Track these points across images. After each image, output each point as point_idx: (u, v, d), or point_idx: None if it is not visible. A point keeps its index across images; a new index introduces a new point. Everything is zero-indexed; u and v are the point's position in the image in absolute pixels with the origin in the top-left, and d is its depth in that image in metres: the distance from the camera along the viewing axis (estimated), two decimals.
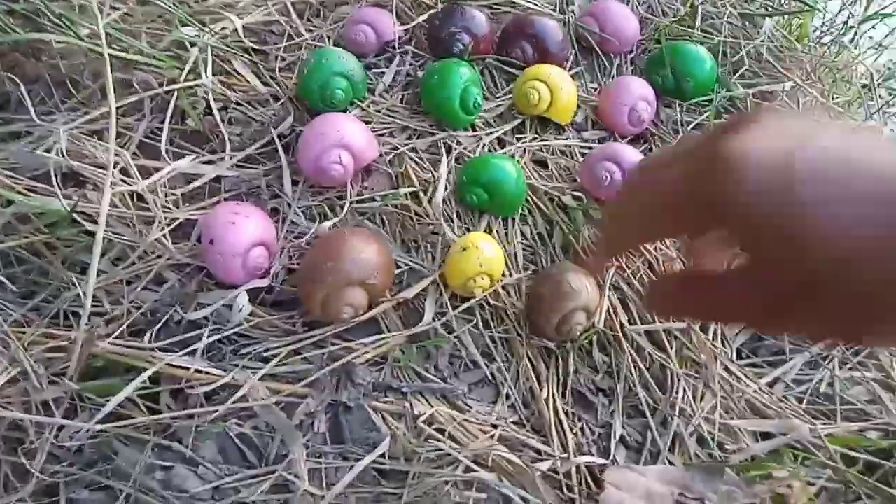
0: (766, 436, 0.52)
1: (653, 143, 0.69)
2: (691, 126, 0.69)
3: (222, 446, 0.48)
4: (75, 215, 0.52)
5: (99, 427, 0.47)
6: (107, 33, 0.61)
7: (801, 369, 0.57)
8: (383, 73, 0.69)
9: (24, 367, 0.50)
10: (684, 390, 0.52)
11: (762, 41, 0.74)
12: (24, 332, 0.51)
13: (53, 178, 0.53)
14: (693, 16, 0.77)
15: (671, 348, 0.55)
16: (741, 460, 0.49)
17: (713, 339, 0.56)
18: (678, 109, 0.70)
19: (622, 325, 0.55)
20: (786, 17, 0.78)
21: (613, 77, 0.74)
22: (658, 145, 0.68)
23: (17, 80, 0.62)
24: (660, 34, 0.75)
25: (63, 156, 0.53)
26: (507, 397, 0.52)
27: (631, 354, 0.54)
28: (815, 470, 0.49)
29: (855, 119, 0.71)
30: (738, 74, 0.74)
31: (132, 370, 0.51)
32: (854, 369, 0.57)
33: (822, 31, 0.80)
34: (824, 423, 0.52)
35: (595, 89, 0.72)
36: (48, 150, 0.55)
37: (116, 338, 0.51)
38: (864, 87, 0.73)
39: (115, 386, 0.49)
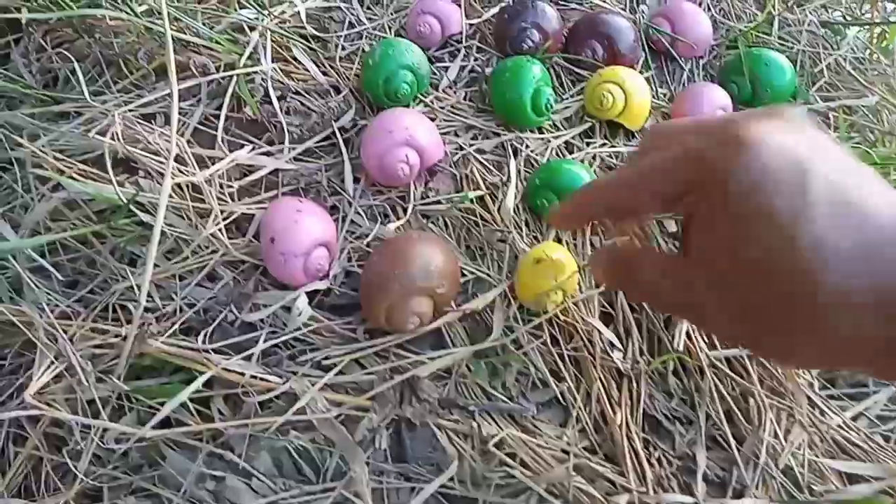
0: (851, 477, 0.48)
1: None
2: None
3: (277, 458, 0.46)
4: (132, 207, 0.49)
5: (157, 433, 0.45)
6: (167, 12, 0.58)
7: (885, 405, 0.54)
8: (447, 67, 0.65)
9: (70, 362, 0.47)
10: (771, 422, 0.48)
11: (844, 53, 0.70)
12: (70, 325, 0.49)
13: (108, 165, 0.50)
14: (770, 22, 0.73)
15: (754, 374, 0.51)
16: (836, 501, 0.46)
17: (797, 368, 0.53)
18: None
19: (701, 349, 0.52)
20: (869, 27, 0.74)
21: (684, 82, 0.70)
22: None
23: (70, 57, 0.59)
24: (735, 39, 0.72)
25: (119, 140, 0.51)
26: (578, 420, 0.48)
27: (711, 380, 0.50)
28: None
29: None
30: (816, 87, 0.70)
31: (180, 370, 0.48)
32: None
33: None
34: None
35: (665, 94, 0.69)
36: (102, 134, 0.53)
37: (168, 336, 0.48)
38: None
39: (167, 388, 0.46)
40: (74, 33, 0.62)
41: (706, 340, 0.52)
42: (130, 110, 0.54)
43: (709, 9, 0.76)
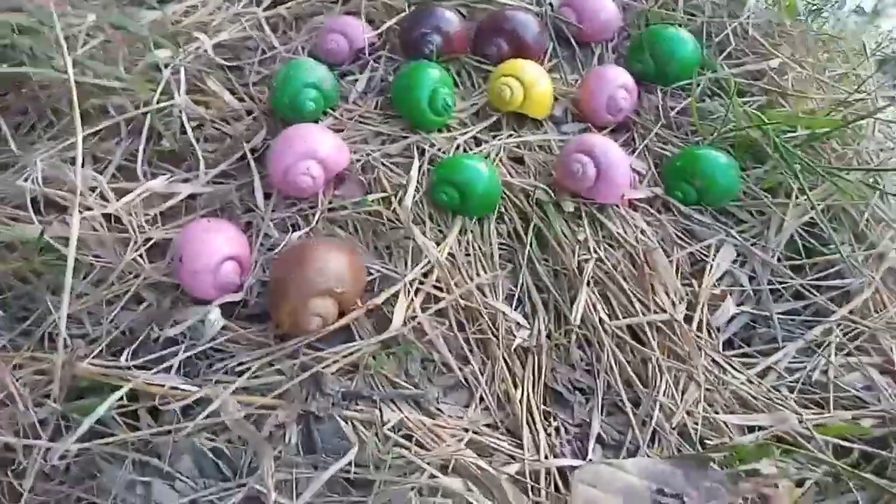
0: (754, 430, 0.50)
1: (635, 132, 0.67)
2: (675, 111, 0.67)
3: (198, 460, 0.49)
4: (51, 241, 0.54)
5: (82, 446, 0.48)
6: (80, 61, 0.63)
7: (794, 357, 0.55)
8: (357, 80, 0.69)
9: (9, 390, 0.51)
10: (667, 384, 0.50)
11: (746, 18, 0.71)
12: (11, 357, 0.53)
13: (29, 206, 0.54)
14: None
15: (654, 341, 0.53)
16: (726, 455, 0.47)
17: (697, 330, 0.54)
18: (661, 95, 0.68)
19: (601, 321, 0.54)
20: None
21: (594, 67, 0.72)
22: (640, 134, 0.67)
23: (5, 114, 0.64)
24: (642, 20, 0.73)
25: (37, 184, 0.55)
26: (482, 400, 0.51)
27: (611, 350, 0.52)
28: (804, 463, 0.47)
29: (847, 92, 0.67)
30: (724, 54, 0.71)
31: (116, 389, 0.52)
32: (851, 355, 0.54)
33: (810, 3, 0.77)
34: (816, 413, 0.50)
35: (575, 81, 0.71)
36: (26, 180, 0.57)
37: (96, 357, 0.52)
38: (857, 54, 0.70)
39: (96, 405, 0.50)
40: (7, 90, 0.67)
41: (607, 312, 0.54)
42: (51, 156, 0.59)
43: None
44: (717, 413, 0.50)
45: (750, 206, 0.63)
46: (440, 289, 0.55)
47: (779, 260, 0.60)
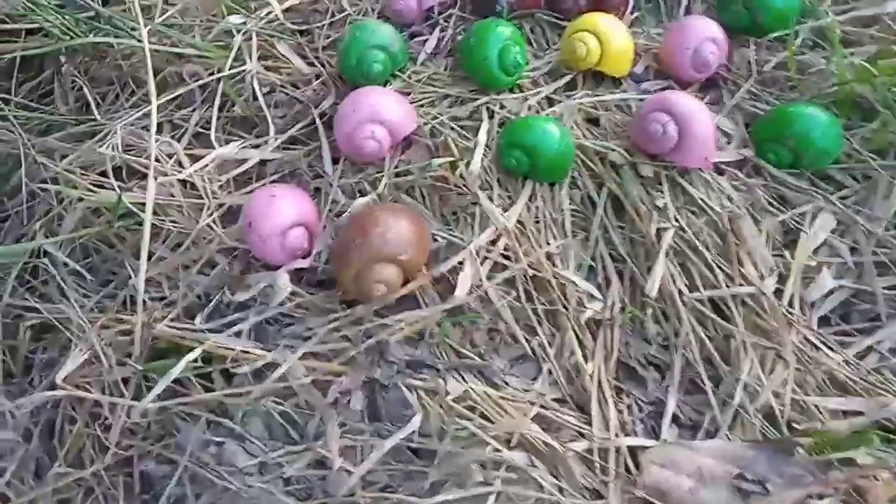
0: (849, 415, 0.45)
1: (724, 90, 0.62)
2: (770, 65, 0.61)
3: (268, 423, 0.50)
4: (131, 206, 0.55)
5: (162, 404, 0.50)
6: (158, 30, 0.64)
7: None
8: (426, 40, 0.66)
9: (96, 350, 0.54)
10: (752, 362, 0.47)
11: None
12: (97, 318, 0.56)
13: (110, 173, 0.56)
14: None
15: (739, 316, 0.49)
16: (816, 441, 0.43)
17: (789, 305, 0.50)
18: (754, 48, 0.62)
19: (680, 293, 0.50)
20: None
21: (681, 18, 0.67)
22: (730, 91, 0.61)
23: (87, 82, 0.67)
24: None
25: (118, 151, 0.57)
26: (550, 373, 0.49)
27: (690, 324, 0.49)
28: None
29: None
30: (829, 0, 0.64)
31: (190, 351, 0.54)
32: None
33: None
34: None
35: (659, 34, 0.66)
36: (108, 147, 0.59)
37: (172, 320, 0.54)
38: None
39: (171, 366, 0.52)
40: (92, 60, 0.70)
41: (687, 284, 0.51)
42: (131, 123, 0.61)
43: None
44: (807, 395, 0.46)
45: (854, 169, 0.56)
46: (507, 257, 0.53)
47: (886, 229, 0.54)
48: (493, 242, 0.53)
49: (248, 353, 0.50)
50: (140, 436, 0.53)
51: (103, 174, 0.61)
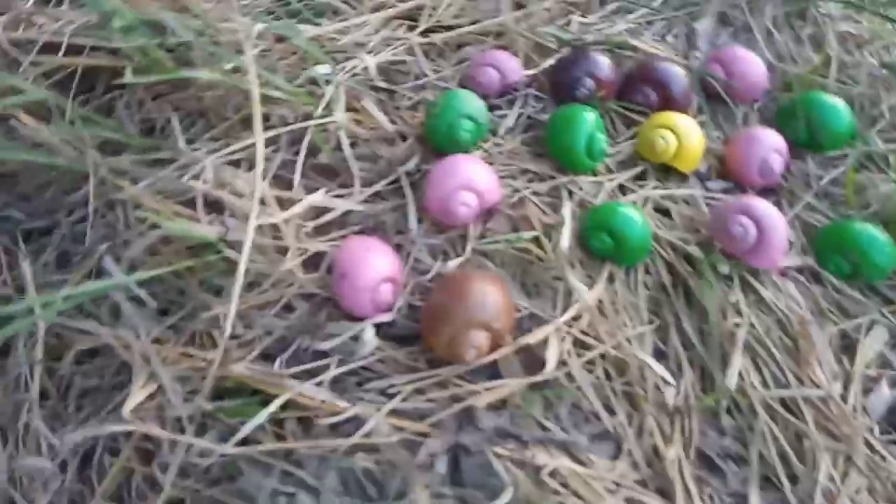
0: None
1: (782, 196, 0.66)
2: (825, 180, 0.66)
3: (344, 478, 0.49)
4: (221, 246, 0.55)
5: (241, 450, 0.49)
6: (243, 68, 0.65)
7: None
8: (505, 115, 0.69)
9: (162, 383, 0.52)
10: (827, 464, 0.49)
11: None
12: (162, 350, 0.54)
13: (199, 206, 0.56)
14: (827, 64, 0.74)
15: (810, 417, 0.52)
16: None
17: (854, 410, 0.53)
18: (811, 162, 0.68)
19: (754, 387, 0.52)
20: None
21: (739, 126, 0.72)
22: (788, 199, 0.66)
23: (167, 108, 0.67)
24: (790, 83, 0.73)
25: (209, 184, 0.57)
26: (629, 454, 0.50)
27: (765, 419, 0.51)
28: None
29: None
30: (876, 128, 0.70)
31: (257, 393, 0.53)
32: None
33: None
34: None
35: (718, 137, 0.71)
36: (195, 178, 0.59)
37: (248, 361, 0.53)
38: None
39: (246, 409, 0.51)
40: (171, 88, 0.70)
41: (761, 379, 0.53)
42: (219, 157, 0.60)
43: (764, 52, 0.77)
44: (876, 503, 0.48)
45: None
46: (587, 334, 0.54)
47: None
48: (575, 319, 0.55)
49: (332, 403, 0.50)
50: (194, 478, 0.51)
51: (179, 203, 0.61)
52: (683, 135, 0.63)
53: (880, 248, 0.59)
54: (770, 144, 0.64)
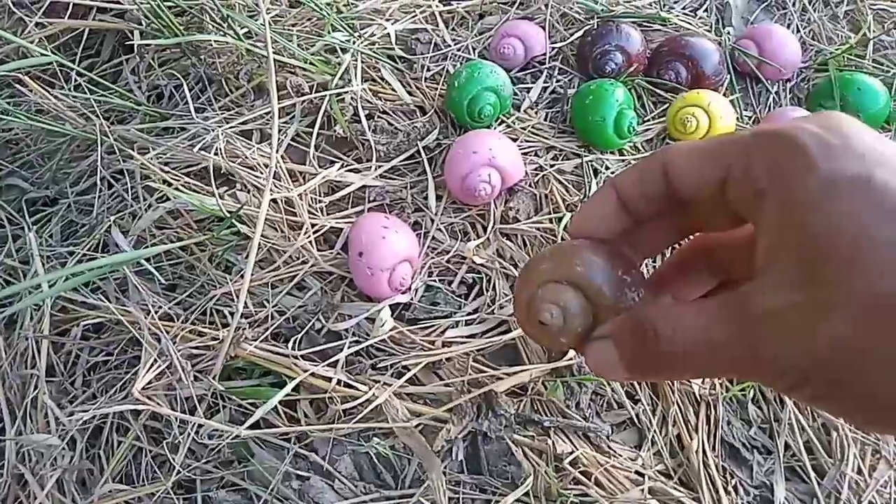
0: None
1: None
2: None
3: (358, 462, 0.48)
4: (228, 215, 0.53)
5: (255, 433, 0.47)
6: (256, 32, 0.62)
7: None
8: (529, 88, 0.67)
9: (172, 361, 0.51)
10: (855, 456, 0.47)
11: None
12: (171, 326, 0.52)
13: (212, 178, 0.54)
14: (864, 45, 0.71)
15: None
16: None
17: None
18: None
19: None
20: None
21: (771, 105, 0.69)
22: None
23: (176, 75, 0.64)
24: (826, 63, 0.70)
25: (221, 156, 0.54)
26: (653, 443, 0.48)
27: (791, 410, 0.49)
28: None
29: None
30: None
31: (269, 373, 0.51)
32: None
33: None
34: None
35: (749, 117, 0.68)
36: (206, 149, 0.57)
37: (260, 341, 0.51)
38: None
39: (258, 390, 0.50)
40: (180, 53, 0.67)
41: None
42: (231, 127, 0.58)
43: (798, 30, 0.74)
44: None
45: None
46: None
47: None
48: None
49: (347, 386, 0.48)
50: (204, 459, 0.50)
51: (188, 174, 0.59)
52: (714, 114, 0.60)
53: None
54: None
